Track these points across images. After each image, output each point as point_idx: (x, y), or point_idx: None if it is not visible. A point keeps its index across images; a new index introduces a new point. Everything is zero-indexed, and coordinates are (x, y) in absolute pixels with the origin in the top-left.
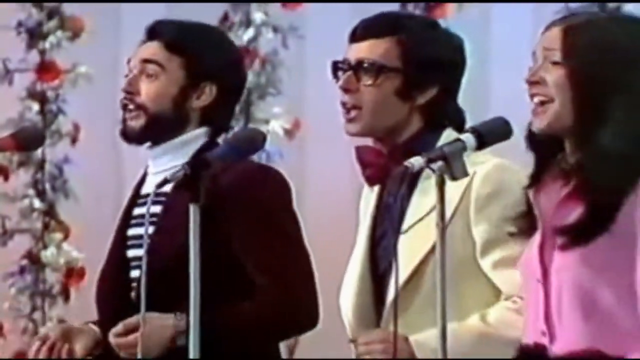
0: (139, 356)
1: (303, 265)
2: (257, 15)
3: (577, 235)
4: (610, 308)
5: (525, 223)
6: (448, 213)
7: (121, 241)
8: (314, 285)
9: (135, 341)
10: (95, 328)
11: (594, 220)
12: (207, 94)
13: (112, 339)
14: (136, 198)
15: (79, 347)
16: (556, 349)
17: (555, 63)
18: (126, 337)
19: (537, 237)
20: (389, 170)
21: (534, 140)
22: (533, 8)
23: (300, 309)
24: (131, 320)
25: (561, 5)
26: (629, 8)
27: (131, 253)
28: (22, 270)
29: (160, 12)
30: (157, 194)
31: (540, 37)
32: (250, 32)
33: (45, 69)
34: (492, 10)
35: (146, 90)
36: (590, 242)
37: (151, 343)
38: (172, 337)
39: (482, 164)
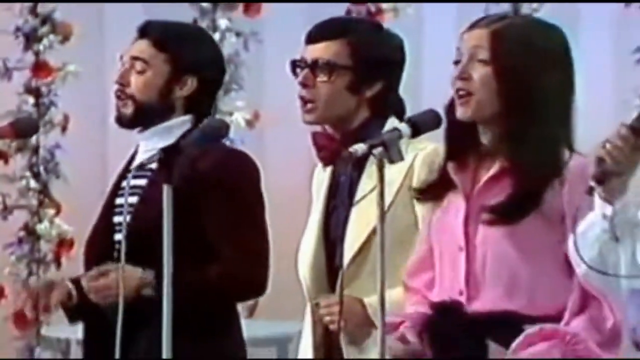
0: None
1: (262, 241)
2: (222, 22)
3: (506, 215)
4: (530, 278)
5: (436, 191)
6: (394, 190)
7: (109, 208)
8: (268, 259)
9: (104, 285)
10: (69, 283)
11: (522, 201)
12: (189, 85)
13: (84, 282)
14: (126, 172)
15: (54, 297)
16: (474, 307)
17: (481, 61)
18: (97, 281)
19: (458, 208)
20: (341, 154)
21: (453, 123)
22: (457, 13)
23: (255, 277)
24: (103, 266)
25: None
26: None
27: (117, 219)
28: (20, 241)
29: (140, 18)
30: (142, 169)
31: (464, 34)
32: (216, 36)
33: (39, 67)
34: (424, 14)
35: (135, 82)
36: (516, 223)
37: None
38: (138, 286)
39: (422, 150)
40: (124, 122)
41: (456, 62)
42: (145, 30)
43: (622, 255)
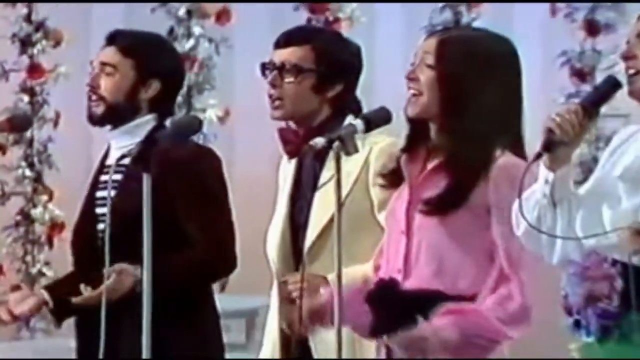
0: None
1: (228, 225)
2: (196, 29)
3: (438, 207)
4: (456, 262)
5: (393, 179)
6: (351, 180)
7: (91, 201)
8: (235, 241)
9: (113, 286)
10: (44, 292)
11: (453, 196)
12: (153, 88)
13: (83, 291)
14: (102, 168)
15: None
16: (408, 284)
17: (428, 66)
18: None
19: (404, 196)
20: (303, 145)
21: (408, 120)
22: (406, 23)
23: (225, 258)
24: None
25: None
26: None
27: (98, 210)
28: (17, 224)
29: (122, 25)
30: (118, 165)
31: (422, 42)
32: (191, 42)
33: (34, 69)
34: (376, 23)
35: (105, 85)
36: (448, 214)
37: (117, 291)
38: (134, 285)
39: (376, 144)
40: (95, 120)
41: (412, 65)
42: (114, 39)
43: (558, 220)
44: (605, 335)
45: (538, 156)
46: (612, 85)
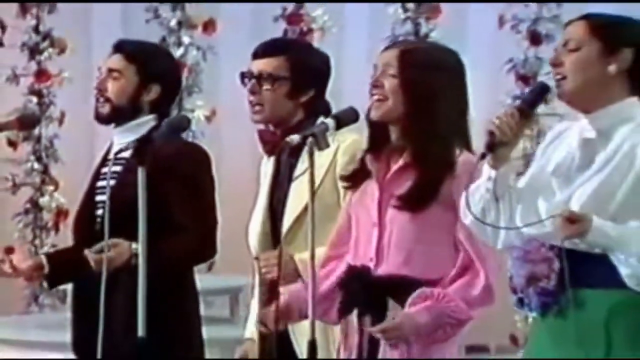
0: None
1: (212, 216)
2: (185, 38)
3: (410, 203)
4: (424, 251)
5: (357, 178)
6: (322, 173)
7: (92, 190)
8: (216, 230)
9: (112, 257)
10: (43, 258)
11: (423, 192)
12: (154, 92)
13: (88, 254)
14: (104, 161)
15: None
16: (379, 271)
17: (391, 74)
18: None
19: (373, 192)
20: (280, 144)
21: (371, 122)
22: (371, 33)
23: (209, 245)
24: (102, 244)
25: (388, 34)
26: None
27: (98, 198)
28: (26, 212)
29: (119, 36)
30: (118, 158)
31: (380, 54)
32: (181, 50)
33: (41, 74)
34: (345, 34)
35: (111, 88)
36: (419, 209)
37: (116, 261)
38: (130, 257)
39: (343, 142)
40: (101, 119)
41: (373, 75)
42: (119, 47)
43: (501, 212)
44: (545, 310)
45: (483, 156)
46: (542, 90)
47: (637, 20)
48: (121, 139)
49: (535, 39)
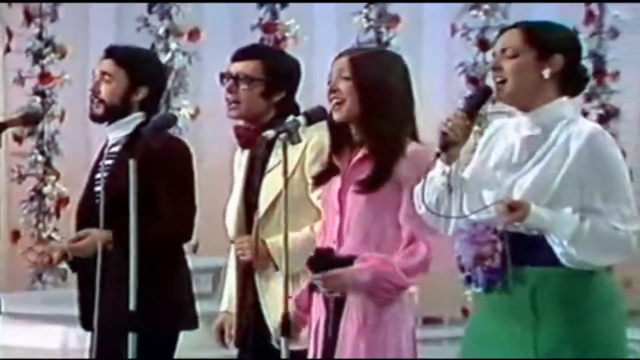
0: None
1: (191, 204)
2: (173, 45)
3: (366, 187)
4: (379, 231)
5: (325, 176)
6: (291, 167)
7: (91, 182)
8: (194, 216)
9: (78, 247)
10: (64, 244)
11: (377, 178)
12: (143, 93)
13: (66, 245)
14: (101, 155)
15: (56, 257)
16: (341, 251)
17: (345, 78)
18: (76, 243)
19: (337, 182)
20: (255, 140)
21: (332, 125)
22: (338, 40)
23: (187, 230)
24: (79, 233)
25: (353, 41)
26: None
27: (96, 189)
28: (31, 199)
29: (112, 41)
30: (110, 153)
31: (334, 62)
32: (168, 55)
33: (44, 76)
34: (315, 41)
35: (104, 90)
36: (374, 191)
37: (89, 248)
38: (105, 244)
39: (312, 138)
40: (96, 119)
41: (329, 82)
42: (110, 52)
43: (453, 202)
44: (490, 286)
45: (438, 155)
46: (484, 92)
47: (566, 28)
48: (114, 134)
49: (483, 45)
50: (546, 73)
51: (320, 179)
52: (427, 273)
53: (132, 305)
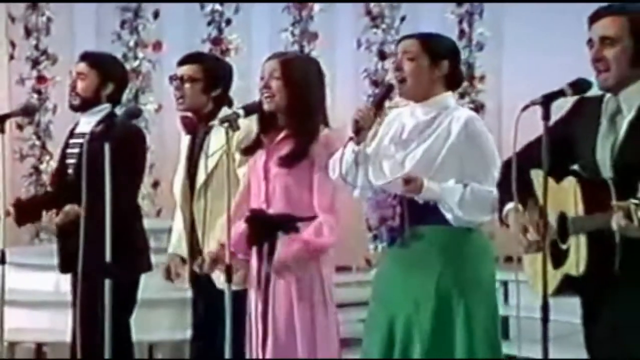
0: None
1: (139, 179)
2: (140, 54)
3: (287, 162)
4: (298, 195)
5: (252, 149)
6: (222, 150)
7: (63, 155)
8: (139, 189)
9: (60, 219)
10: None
11: (297, 155)
12: (109, 88)
13: (44, 218)
14: (71, 134)
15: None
16: (270, 211)
17: (275, 77)
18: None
19: (262, 157)
20: (197, 127)
21: (262, 112)
22: (270, 50)
23: (132, 199)
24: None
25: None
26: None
27: (68, 161)
28: (30, 174)
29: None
30: (83, 134)
31: (265, 64)
32: (137, 62)
33: (40, 79)
34: (252, 51)
35: (79, 86)
36: (293, 166)
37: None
38: (76, 215)
39: (244, 124)
40: (73, 108)
41: (262, 78)
42: (84, 57)
43: (359, 173)
44: (392, 242)
45: (351, 138)
46: (387, 89)
47: (451, 40)
48: (86, 120)
49: (382, 55)
50: (437, 74)
51: (249, 151)
52: (337, 236)
53: (107, 257)
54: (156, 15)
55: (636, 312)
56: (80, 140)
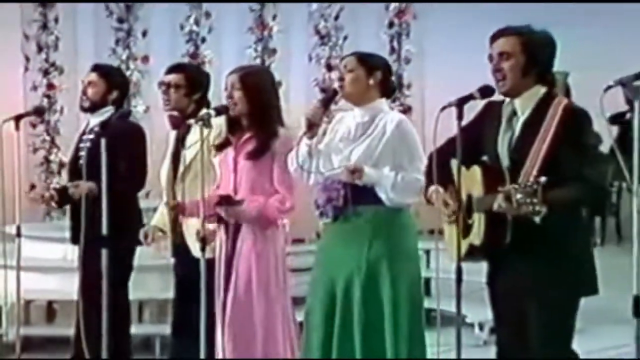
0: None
1: (143, 169)
2: (132, 66)
3: (252, 156)
4: (261, 185)
5: (223, 146)
6: (199, 145)
7: (77, 149)
8: (146, 175)
9: (77, 191)
10: (53, 191)
11: (260, 151)
12: (114, 94)
13: (70, 188)
14: (84, 132)
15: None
16: (237, 197)
17: (237, 88)
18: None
19: (230, 153)
20: (181, 124)
21: (229, 115)
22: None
23: (138, 185)
24: (73, 183)
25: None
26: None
27: (80, 154)
28: (41, 164)
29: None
30: (91, 131)
31: (227, 78)
32: (129, 72)
33: (50, 86)
34: (223, 62)
35: (90, 92)
36: (257, 160)
37: (79, 192)
38: (90, 190)
39: (216, 124)
40: (84, 109)
41: (225, 89)
42: (95, 68)
43: (313, 163)
44: (335, 219)
45: (304, 133)
46: (333, 94)
47: (382, 57)
48: (94, 119)
49: (329, 68)
50: (372, 82)
51: (221, 147)
52: (292, 212)
53: (104, 231)
54: (144, 34)
55: (524, 277)
56: (90, 136)
